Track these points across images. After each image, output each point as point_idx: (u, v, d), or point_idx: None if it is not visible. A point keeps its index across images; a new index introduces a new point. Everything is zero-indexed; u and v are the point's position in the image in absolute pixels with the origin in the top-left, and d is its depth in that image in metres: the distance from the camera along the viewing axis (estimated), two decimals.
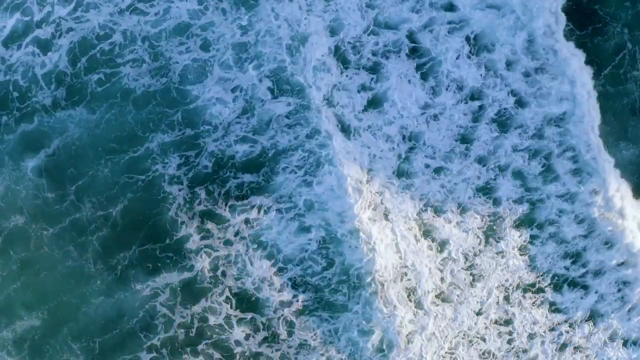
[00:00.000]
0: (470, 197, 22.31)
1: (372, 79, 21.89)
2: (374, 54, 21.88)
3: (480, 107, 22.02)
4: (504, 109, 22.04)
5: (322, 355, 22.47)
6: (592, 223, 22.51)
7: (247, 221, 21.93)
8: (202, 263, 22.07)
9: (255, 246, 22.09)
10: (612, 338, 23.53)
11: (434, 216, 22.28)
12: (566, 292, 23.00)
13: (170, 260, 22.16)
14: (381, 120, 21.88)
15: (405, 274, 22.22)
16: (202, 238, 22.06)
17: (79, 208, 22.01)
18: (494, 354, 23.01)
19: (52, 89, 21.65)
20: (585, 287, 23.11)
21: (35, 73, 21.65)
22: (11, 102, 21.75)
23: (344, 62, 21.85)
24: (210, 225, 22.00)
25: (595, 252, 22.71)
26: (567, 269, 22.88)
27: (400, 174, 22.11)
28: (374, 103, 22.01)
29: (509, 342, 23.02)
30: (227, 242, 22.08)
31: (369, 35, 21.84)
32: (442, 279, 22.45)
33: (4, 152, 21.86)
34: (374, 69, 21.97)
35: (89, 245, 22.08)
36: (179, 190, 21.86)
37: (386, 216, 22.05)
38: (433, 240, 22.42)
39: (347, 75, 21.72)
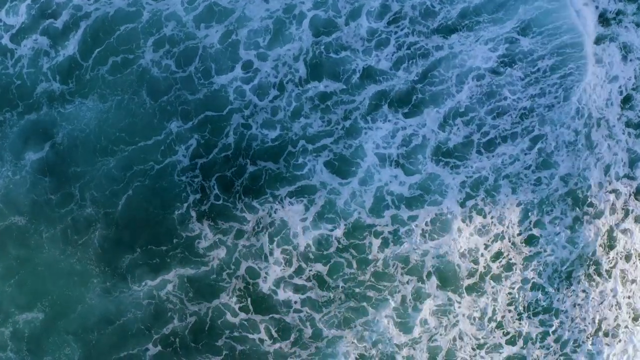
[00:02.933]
0: None
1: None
2: None
3: None
4: None
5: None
6: None
7: (270, 214, 20.92)
8: (218, 255, 20.90)
9: (276, 241, 21.02)
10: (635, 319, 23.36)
11: None
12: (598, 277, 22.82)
13: (184, 256, 20.94)
14: None
15: None
16: (217, 233, 20.91)
17: (90, 198, 20.86)
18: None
19: (68, 78, 20.84)
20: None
21: (57, 58, 20.90)
22: (21, 90, 20.87)
23: None
24: (225, 221, 20.88)
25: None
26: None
27: None
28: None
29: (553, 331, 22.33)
30: (248, 238, 20.98)
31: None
32: None
33: (9, 145, 20.87)
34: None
35: (106, 239, 20.98)
36: (194, 178, 20.76)
37: None
38: None
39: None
